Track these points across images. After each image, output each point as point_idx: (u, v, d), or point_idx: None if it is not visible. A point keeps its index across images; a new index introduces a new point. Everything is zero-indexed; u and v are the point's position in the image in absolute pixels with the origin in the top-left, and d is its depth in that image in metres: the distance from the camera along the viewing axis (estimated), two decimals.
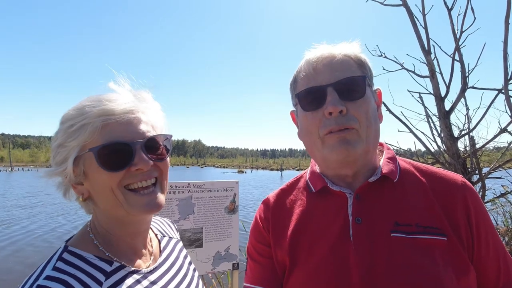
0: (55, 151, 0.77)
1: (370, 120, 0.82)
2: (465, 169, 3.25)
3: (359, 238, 0.81)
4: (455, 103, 3.29)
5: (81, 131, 0.72)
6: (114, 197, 0.74)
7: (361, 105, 0.81)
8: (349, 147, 0.80)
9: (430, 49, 3.36)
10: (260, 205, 1.05)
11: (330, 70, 0.83)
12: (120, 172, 0.73)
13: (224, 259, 2.35)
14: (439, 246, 0.77)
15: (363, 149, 0.82)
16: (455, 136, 3.31)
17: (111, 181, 0.73)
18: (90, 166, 0.74)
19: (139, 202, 0.76)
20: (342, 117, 0.80)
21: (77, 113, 0.74)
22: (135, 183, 0.76)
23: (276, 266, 0.93)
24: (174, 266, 0.92)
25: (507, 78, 2.78)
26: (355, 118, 0.80)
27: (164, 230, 1.04)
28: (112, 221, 0.80)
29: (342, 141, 0.80)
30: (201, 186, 2.30)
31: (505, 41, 2.67)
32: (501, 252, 0.84)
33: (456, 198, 0.82)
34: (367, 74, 0.86)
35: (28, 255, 7.40)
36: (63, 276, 0.68)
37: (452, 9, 3.27)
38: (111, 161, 0.73)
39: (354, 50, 0.87)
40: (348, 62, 0.84)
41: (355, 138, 0.80)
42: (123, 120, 0.75)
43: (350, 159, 0.82)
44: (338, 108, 0.79)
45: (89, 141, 0.72)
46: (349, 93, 0.81)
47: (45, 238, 8.97)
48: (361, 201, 0.85)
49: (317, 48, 0.88)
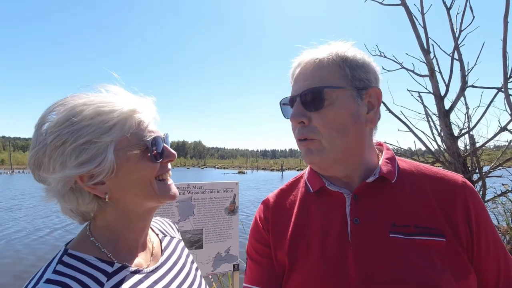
0: (78, 150, 0.71)
1: (336, 129, 0.81)
2: (466, 168, 3.24)
3: (357, 239, 0.80)
4: (454, 102, 3.29)
5: (118, 126, 0.74)
6: (150, 188, 0.79)
7: (325, 115, 0.81)
8: (313, 156, 0.84)
9: (429, 48, 3.36)
10: (260, 205, 1.05)
11: (303, 79, 0.85)
12: (158, 163, 0.80)
13: (225, 260, 2.34)
14: (437, 247, 0.76)
15: (331, 157, 0.83)
16: (455, 135, 3.31)
17: (151, 172, 0.79)
18: (127, 161, 0.75)
19: (168, 190, 0.84)
20: (304, 128, 0.84)
21: (108, 109, 0.74)
22: (164, 174, 0.84)
23: (275, 267, 0.93)
24: (176, 265, 0.92)
25: (506, 76, 2.77)
26: (316, 129, 0.82)
27: (165, 230, 1.04)
28: (124, 218, 0.81)
29: (307, 150, 0.85)
30: (201, 187, 2.30)
31: (504, 40, 2.67)
32: (502, 253, 0.84)
33: (456, 198, 0.81)
34: (353, 75, 0.82)
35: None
36: (63, 279, 0.68)
37: (451, 8, 3.27)
38: (156, 153, 0.79)
39: (338, 50, 0.84)
40: (323, 68, 0.82)
41: (317, 148, 0.83)
42: (149, 117, 0.82)
43: (322, 165, 0.86)
44: (297, 119, 0.84)
45: (126, 136, 0.75)
46: (311, 103, 0.82)
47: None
48: (359, 202, 0.84)
49: (301, 54, 0.89)
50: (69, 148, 0.71)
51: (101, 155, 0.72)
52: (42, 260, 7.05)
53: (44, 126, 0.73)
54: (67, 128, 0.71)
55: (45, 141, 0.71)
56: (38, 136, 0.73)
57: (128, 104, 0.77)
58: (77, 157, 0.71)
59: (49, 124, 0.73)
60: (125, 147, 0.75)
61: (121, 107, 0.75)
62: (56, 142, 0.70)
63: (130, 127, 0.75)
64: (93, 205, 0.77)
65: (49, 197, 0.75)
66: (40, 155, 0.72)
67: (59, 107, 0.74)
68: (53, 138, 0.70)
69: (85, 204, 0.76)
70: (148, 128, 0.80)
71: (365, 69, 0.84)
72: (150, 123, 0.82)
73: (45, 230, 10.01)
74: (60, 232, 9.68)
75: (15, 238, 9.08)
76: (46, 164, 0.72)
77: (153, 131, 0.81)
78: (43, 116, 0.74)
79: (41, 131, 0.73)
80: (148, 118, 0.82)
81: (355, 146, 0.84)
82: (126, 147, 0.75)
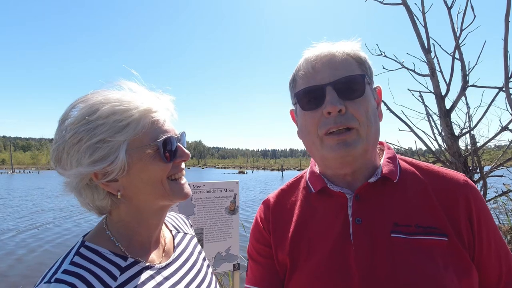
0: (92, 148, 0.72)
1: (370, 119, 0.81)
2: (466, 168, 3.24)
3: (359, 239, 0.80)
4: (455, 102, 3.28)
5: (131, 126, 0.74)
6: (162, 188, 0.79)
7: (361, 104, 0.81)
8: (349, 148, 0.80)
9: (430, 48, 3.35)
10: (261, 206, 1.05)
11: (329, 69, 0.82)
12: (170, 163, 0.80)
13: (225, 259, 2.34)
14: (439, 247, 0.76)
15: (363, 148, 0.81)
16: (456, 135, 3.30)
17: (163, 172, 0.79)
18: (140, 160, 0.76)
19: (180, 189, 0.84)
20: (341, 117, 0.79)
21: (123, 108, 0.74)
22: (177, 173, 0.83)
23: (277, 267, 0.93)
24: (188, 262, 0.94)
25: (507, 76, 2.77)
26: (355, 117, 0.80)
27: (178, 226, 1.05)
28: (137, 215, 0.82)
29: (342, 143, 0.80)
30: (201, 187, 2.30)
31: (505, 39, 2.66)
32: (503, 252, 0.84)
33: (458, 197, 0.81)
34: (367, 72, 0.85)
35: None
36: (80, 271, 0.71)
37: (452, 7, 3.26)
38: (168, 153, 0.79)
39: (353, 48, 0.86)
40: (347, 60, 0.83)
41: (355, 138, 0.80)
42: (164, 116, 0.81)
43: (349, 159, 0.82)
44: (337, 107, 0.78)
45: (138, 136, 0.75)
46: (348, 92, 0.80)
47: None
48: (361, 202, 0.84)
49: (316, 46, 0.87)
50: (84, 146, 0.73)
51: (113, 154, 0.73)
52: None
53: (66, 122, 0.76)
54: (83, 126, 0.73)
55: (64, 137, 0.74)
56: (59, 132, 0.76)
57: (143, 103, 0.77)
58: (91, 155, 0.73)
59: (69, 121, 0.75)
60: (138, 146, 0.76)
61: (136, 106, 0.75)
62: (73, 139, 0.73)
63: (143, 127, 0.75)
64: (107, 201, 0.80)
65: (66, 190, 0.79)
66: (60, 151, 0.75)
67: (81, 104, 0.76)
68: (70, 135, 0.73)
69: (100, 199, 0.79)
70: (163, 128, 0.80)
71: (372, 70, 0.88)
72: (165, 122, 0.81)
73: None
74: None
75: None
76: (64, 159, 0.75)
77: (168, 130, 0.81)
78: (66, 112, 0.77)
79: (62, 127, 0.76)
80: (163, 117, 0.81)
81: (378, 138, 0.86)
82: (138, 146, 0.76)
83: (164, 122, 0.81)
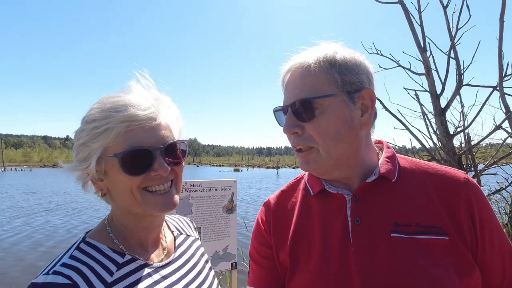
0: (78, 149, 0.80)
1: (331, 137, 0.80)
2: (461, 166, 3.27)
3: (359, 239, 0.80)
4: (450, 100, 3.31)
5: (105, 134, 0.75)
6: (132, 197, 0.79)
7: (318, 125, 0.80)
8: (311, 166, 0.84)
9: (426, 47, 3.37)
10: (261, 207, 1.04)
11: (293, 88, 0.84)
12: (140, 176, 0.77)
13: (223, 258, 2.34)
14: (440, 246, 0.76)
15: (329, 163, 0.83)
16: (451, 133, 3.34)
17: (131, 183, 0.78)
18: (111, 167, 0.78)
19: (156, 201, 0.80)
20: (298, 137, 0.83)
21: (102, 115, 0.76)
22: (153, 186, 0.80)
23: (278, 268, 0.92)
24: (188, 263, 0.94)
25: (502, 75, 2.80)
26: (312, 137, 0.81)
27: (181, 228, 1.06)
28: (127, 215, 0.84)
29: (305, 161, 0.85)
30: (198, 186, 2.28)
31: (500, 39, 2.69)
32: (506, 249, 0.83)
33: (459, 195, 0.81)
34: (338, 80, 0.79)
35: None
36: (77, 264, 0.74)
37: (448, 7, 3.28)
38: (133, 165, 0.76)
39: (327, 52, 0.82)
40: (313, 74, 0.80)
41: (314, 157, 0.83)
42: (145, 126, 0.77)
43: (320, 171, 0.86)
44: (290, 131, 0.83)
45: (112, 144, 0.76)
46: (302, 114, 0.81)
47: None
48: (359, 202, 0.84)
49: (290, 59, 0.87)
50: (75, 145, 0.81)
51: (90, 158, 0.77)
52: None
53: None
54: (79, 128, 0.81)
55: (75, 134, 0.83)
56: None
57: (128, 111, 0.75)
58: (76, 155, 0.81)
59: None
60: (110, 154, 0.77)
61: (117, 114, 0.75)
62: (75, 138, 0.82)
63: (116, 136, 0.75)
64: (99, 196, 0.84)
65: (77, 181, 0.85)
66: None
67: (95, 105, 0.81)
68: (75, 134, 0.81)
69: (93, 192, 0.85)
70: (138, 138, 0.76)
71: (356, 71, 0.82)
72: (152, 131, 0.78)
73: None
74: None
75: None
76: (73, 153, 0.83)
77: (148, 141, 0.77)
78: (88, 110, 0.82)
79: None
80: (150, 125, 0.77)
81: (351, 151, 0.83)
82: (110, 154, 0.77)
83: (148, 132, 0.77)
